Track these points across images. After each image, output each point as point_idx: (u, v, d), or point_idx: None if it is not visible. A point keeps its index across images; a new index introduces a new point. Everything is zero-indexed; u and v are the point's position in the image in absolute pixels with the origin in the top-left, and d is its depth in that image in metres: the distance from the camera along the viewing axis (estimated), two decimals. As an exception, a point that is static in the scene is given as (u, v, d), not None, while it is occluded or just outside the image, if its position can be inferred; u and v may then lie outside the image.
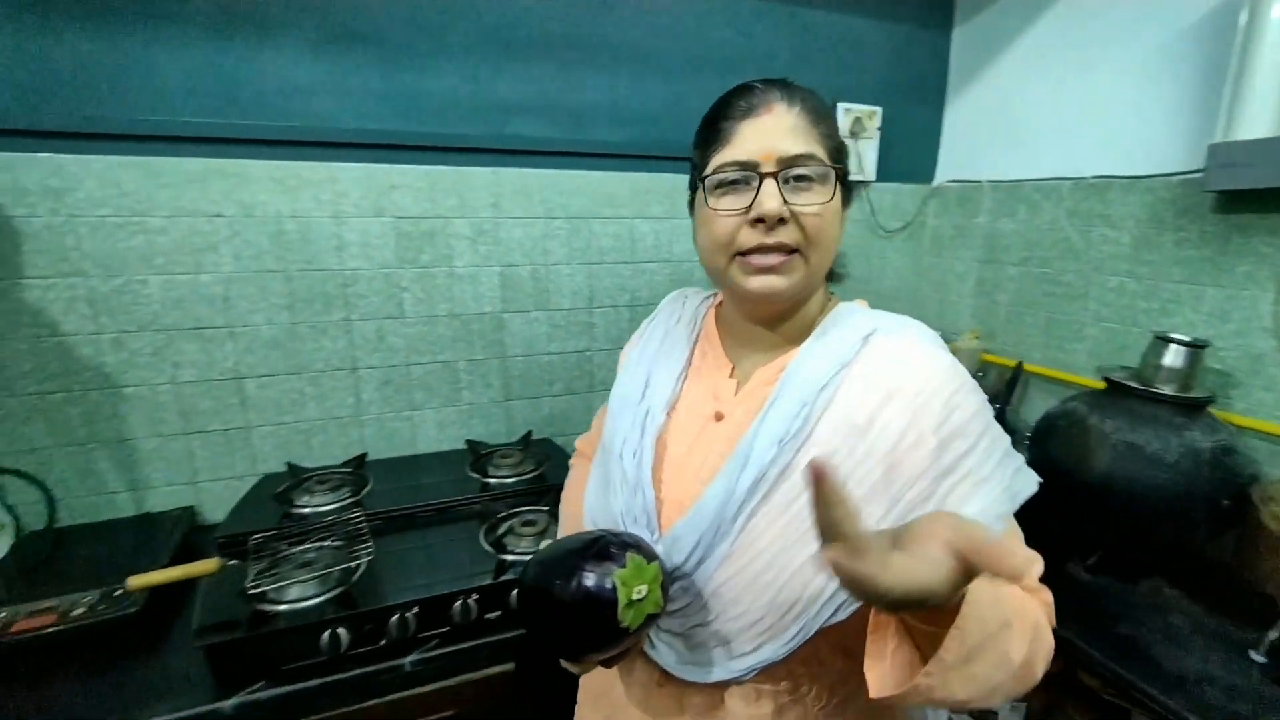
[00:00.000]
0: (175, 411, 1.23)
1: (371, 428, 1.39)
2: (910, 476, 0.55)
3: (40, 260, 1.10)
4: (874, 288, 1.81)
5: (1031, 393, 1.55)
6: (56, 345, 1.13)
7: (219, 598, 0.91)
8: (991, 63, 1.61)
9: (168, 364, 1.21)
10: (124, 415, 1.20)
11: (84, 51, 1.07)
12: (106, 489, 1.22)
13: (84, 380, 1.16)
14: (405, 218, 1.31)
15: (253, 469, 1.31)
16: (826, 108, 0.63)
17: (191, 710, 0.82)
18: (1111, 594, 1.10)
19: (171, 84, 1.12)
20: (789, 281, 0.60)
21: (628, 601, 0.53)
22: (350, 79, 1.23)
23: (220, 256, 1.20)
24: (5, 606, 0.92)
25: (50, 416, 1.15)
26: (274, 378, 1.29)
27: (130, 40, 1.09)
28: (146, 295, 1.17)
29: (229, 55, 1.14)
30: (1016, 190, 1.56)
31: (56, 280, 1.11)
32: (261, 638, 0.87)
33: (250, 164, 1.18)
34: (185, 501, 1.27)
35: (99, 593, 0.95)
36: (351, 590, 0.95)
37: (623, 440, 0.67)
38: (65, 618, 0.90)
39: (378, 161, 1.27)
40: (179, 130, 1.13)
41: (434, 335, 1.39)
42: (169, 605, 1.00)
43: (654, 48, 1.43)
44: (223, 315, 1.22)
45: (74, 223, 1.10)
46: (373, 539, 1.01)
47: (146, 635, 0.95)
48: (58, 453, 1.17)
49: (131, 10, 1.08)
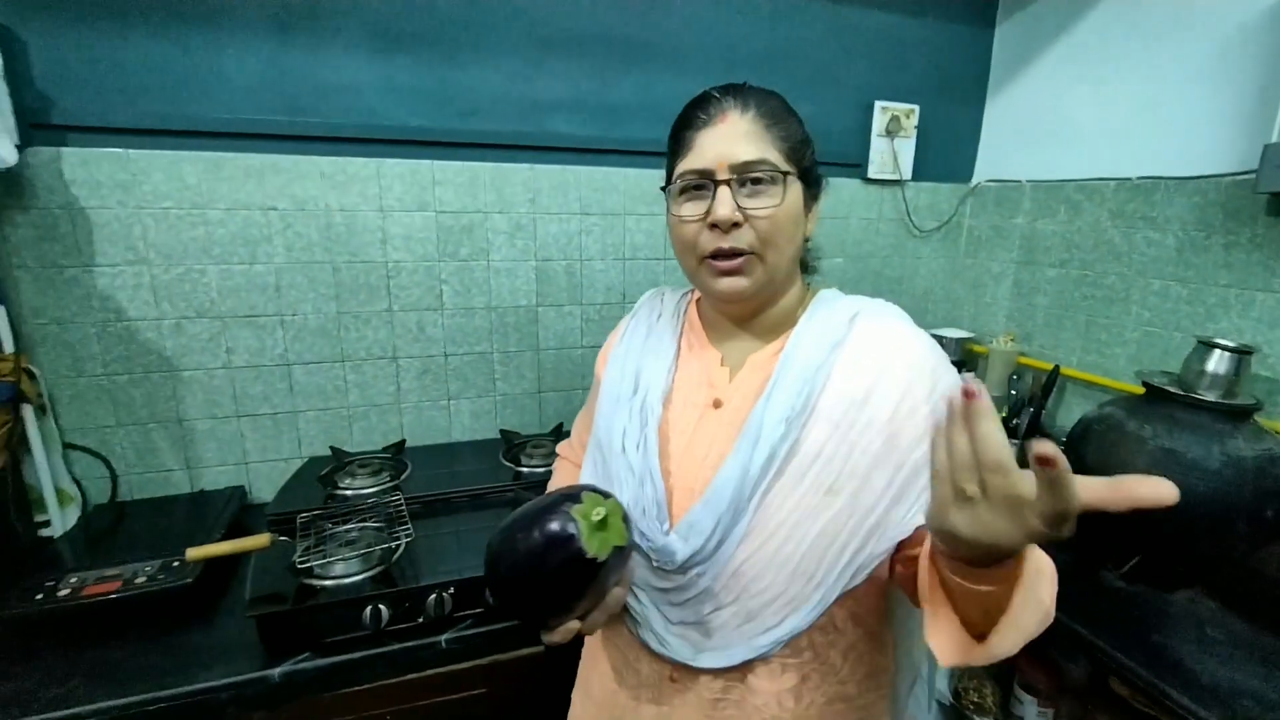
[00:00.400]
0: (228, 395, 1.29)
1: (410, 415, 1.44)
2: (911, 441, 0.59)
3: (110, 249, 1.17)
4: (906, 287, 1.80)
5: (1069, 397, 1.53)
6: (122, 329, 1.20)
7: (269, 572, 0.97)
8: (1034, 60, 1.58)
9: (222, 349, 1.27)
10: (181, 397, 1.27)
11: (155, 53, 1.13)
12: (164, 467, 1.29)
13: (146, 363, 1.23)
14: (446, 212, 1.35)
15: (298, 452, 1.37)
16: (784, 110, 0.66)
17: (242, 676, 0.88)
18: (1146, 602, 1.09)
19: (233, 84, 1.18)
20: (749, 281, 0.64)
21: (590, 528, 0.53)
22: (397, 78, 1.27)
23: (273, 248, 1.26)
24: (75, 572, 0.99)
25: (115, 397, 1.23)
26: (320, 365, 1.34)
27: (197, 43, 1.15)
28: (205, 284, 1.23)
29: (286, 56, 1.20)
30: (1057, 190, 1.53)
31: (124, 268, 1.18)
32: (308, 610, 0.92)
33: (303, 160, 1.24)
34: (236, 481, 1.33)
35: (159, 563, 1.01)
36: (391, 569, 0.99)
37: (622, 433, 0.69)
38: (129, 585, 0.97)
39: (422, 158, 1.31)
40: (239, 127, 1.18)
41: (471, 327, 1.43)
42: (222, 577, 1.06)
43: (690, 46, 1.44)
44: (274, 304, 1.28)
45: (140, 214, 1.17)
46: (411, 522, 1.05)
47: (201, 604, 1.00)
48: (121, 431, 1.24)
49: (199, 15, 1.14)
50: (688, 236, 0.64)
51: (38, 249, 1.13)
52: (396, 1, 1.24)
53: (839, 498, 0.59)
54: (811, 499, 0.59)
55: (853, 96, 1.60)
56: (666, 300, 0.79)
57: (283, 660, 0.90)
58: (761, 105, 0.64)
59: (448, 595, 0.97)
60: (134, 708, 0.83)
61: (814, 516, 0.59)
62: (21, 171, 1.08)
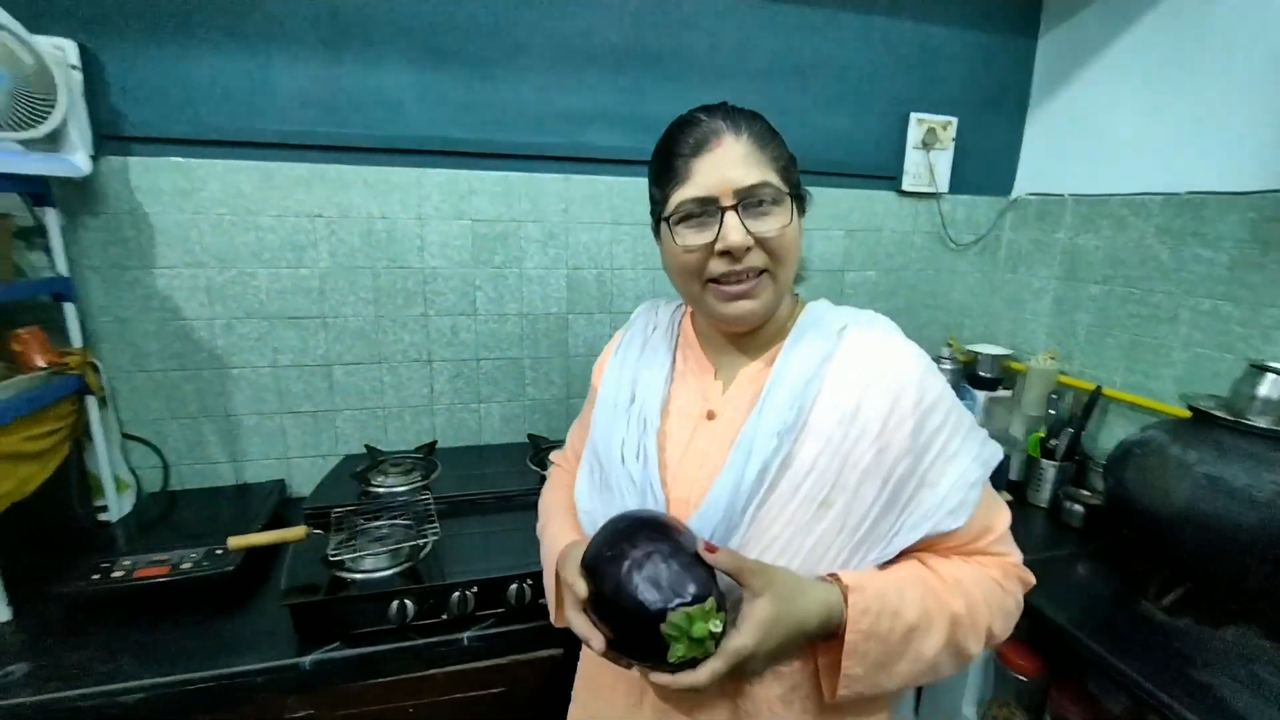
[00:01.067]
0: (273, 392, 1.36)
1: (442, 417, 1.48)
2: (898, 453, 0.61)
3: (169, 252, 1.24)
4: (941, 301, 1.76)
5: (1110, 418, 1.47)
6: (178, 328, 1.27)
7: (304, 563, 1.01)
8: (1078, 73, 1.54)
9: (269, 349, 1.33)
10: (230, 393, 1.33)
11: (213, 70, 1.20)
12: (212, 459, 1.36)
13: (198, 360, 1.30)
14: (481, 221, 1.39)
15: (335, 449, 1.42)
16: (770, 129, 0.65)
17: (275, 662, 0.92)
18: (1190, 637, 1.04)
19: (284, 97, 1.24)
20: (761, 302, 0.64)
21: (684, 646, 0.53)
22: (437, 91, 1.32)
23: (318, 253, 1.32)
24: (128, 556, 1.05)
25: (169, 391, 1.30)
26: (358, 366, 1.40)
27: (251, 59, 1.21)
28: (254, 286, 1.30)
29: (333, 71, 1.26)
30: (1101, 205, 1.49)
31: (181, 270, 1.25)
32: (338, 602, 0.95)
33: (347, 169, 1.29)
34: (278, 475, 1.40)
35: (203, 550, 1.07)
36: (418, 566, 1.02)
37: (620, 443, 0.69)
38: (176, 569, 1.02)
39: (459, 168, 1.36)
40: (288, 138, 1.25)
41: (503, 332, 1.47)
42: (260, 566, 1.10)
43: (721, 59, 1.46)
44: (317, 306, 1.34)
45: (197, 220, 1.24)
46: (439, 521, 1.08)
47: (241, 591, 1.05)
48: (174, 424, 1.32)
49: (254, 33, 1.20)
50: (694, 264, 0.63)
51: (105, 251, 1.21)
52: (438, 18, 1.29)
53: (831, 510, 0.61)
54: (805, 512, 0.61)
55: (887, 108, 1.59)
56: (661, 313, 0.80)
57: (314, 649, 0.93)
58: (752, 127, 0.63)
59: (471, 594, 0.99)
60: (175, 686, 0.88)
61: (807, 530, 0.61)
62: (93, 180, 1.17)
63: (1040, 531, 1.35)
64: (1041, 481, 1.43)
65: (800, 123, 1.54)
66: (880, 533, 0.62)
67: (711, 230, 0.61)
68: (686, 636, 0.53)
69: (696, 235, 0.62)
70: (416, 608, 0.97)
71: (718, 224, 0.61)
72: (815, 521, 0.61)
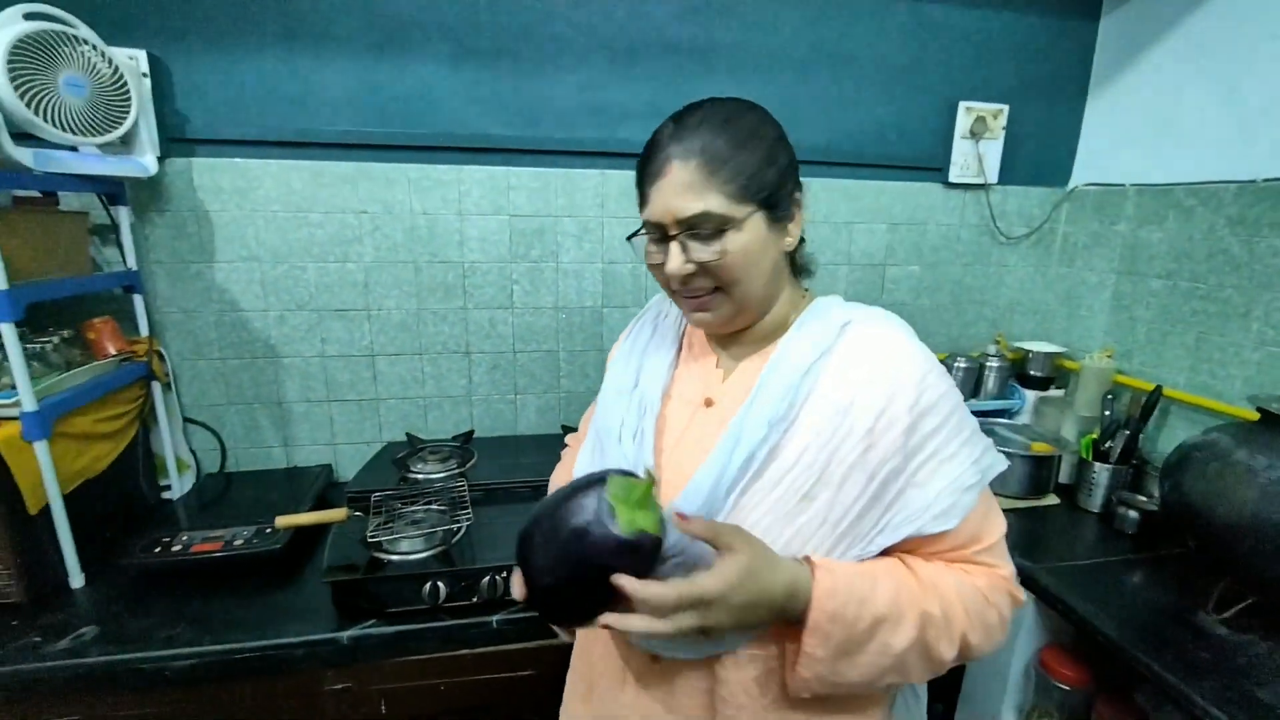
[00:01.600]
0: (321, 381, 1.42)
1: (480, 407, 1.52)
2: (886, 452, 0.60)
3: (228, 248, 1.32)
4: (990, 297, 1.70)
5: (1171, 420, 1.39)
6: (235, 319, 1.35)
7: (345, 543, 1.06)
8: (1143, 55, 1.46)
9: (318, 339, 1.40)
10: (282, 381, 1.41)
11: (268, 74, 1.27)
12: (265, 443, 1.43)
13: (254, 349, 1.38)
14: (519, 216, 1.42)
15: (379, 436, 1.48)
16: (734, 142, 0.61)
17: (317, 635, 0.96)
18: (1254, 654, 0.97)
19: (333, 99, 1.30)
20: (717, 315, 0.66)
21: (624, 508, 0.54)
22: (478, 89, 1.35)
23: (364, 248, 1.37)
24: (187, 531, 1.13)
25: (227, 378, 1.38)
26: (400, 357, 1.45)
27: (303, 63, 1.27)
28: (305, 280, 1.36)
29: (380, 72, 1.30)
30: (1166, 195, 1.40)
31: (239, 264, 1.33)
32: (376, 581, 0.99)
33: (391, 167, 1.34)
34: (325, 459, 1.46)
35: (254, 528, 1.13)
36: (451, 550, 1.05)
37: (620, 424, 0.71)
38: (229, 546, 1.09)
39: (499, 164, 1.39)
40: (337, 138, 1.30)
41: (539, 325, 1.49)
42: (306, 545, 1.16)
43: (761, 50, 1.44)
44: (362, 299, 1.40)
45: (254, 216, 1.31)
46: (472, 507, 1.11)
47: (287, 568, 1.11)
48: (231, 409, 1.40)
49: (306, 37, 1.26)
50: (659, 275, 0.67)
51: (171, 247, 1.29)
52: (477, 18, 1.32)
53: (813, 504, 0.61)
54: (787, 503, 0.61)
55: (934, 97, 1.54)
56: (672, 303, 0.81)
57: (352, 624, 0.98)
58: (707, 148, 0.61)
59: (500, 579, 1.02)
60: (225, 654, 0.93)
61: (787, 520, 0.61)
62: (160, 180, 1.25)
63: (1091, 537, 1.29)
64: (1094, 485, 1.36)
65: (841, 114, 1.51)
66: (862, 529, 0.62)
67: (664, 252, 0.64)
68: (626, 503, 0.54)
69: (656, 250, 0.66)
70: (448, 589, 1.01)
71: (668, 247, 0.64)
72: (796, 514, 0.61)
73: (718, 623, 0.55)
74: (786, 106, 1.47)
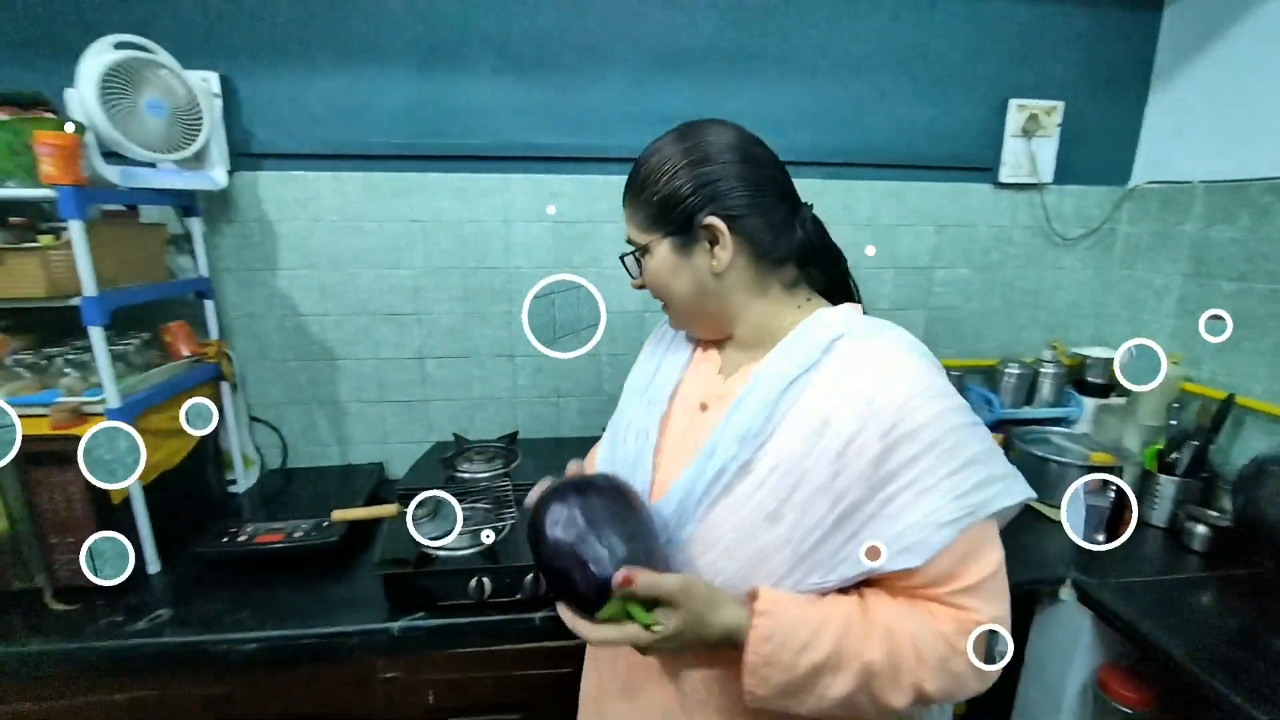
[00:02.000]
0: (374, 383, 1.48)
1: (524, 410, 1.56)
2: (852, 480, 0.58)
3: (290, 255, 1.39)
4: (1044, 300, 1.63)
5: (1246, 431, 1.31)
6: (296, 323, 1.42)
7: (396, 538, 1.10)
8: (1211, 45, 1.38)
9: (371, 343, 1.46)
10: (337, 383, 1.47)
11: (326, 90, 1.34)
12: (322, 441, 1.50)
13: (312, 352, 1.45)
14: (563, 222, 1.45)
15: (427, 436, 1.53)
16: (639, 181, 0.68)
17: (369, 625, 1.00)
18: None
19: (385, 112, 1.36)
20: (675, 324, 0.77)
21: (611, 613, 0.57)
22: (523, 98, 1.39)
23: (414, 255, 1.43)
24: (251, 523, 1.19)
25: (287, 380, 1.45)
26: (448, 359, 1.50)
27: (358, 80, 1.34)
28: (360, 285, 1.43)
29: (428, 85, 1.36)
30: (1239, 192, 1.33)
31: (299, 271, 1.40)
32: (424, 575, 1.03)
33: (440, 176, 1.39)
34: (377, 458, 1.52)
35: (313, 522, 1.19)
36: (495, 547, 1.08)
37: (628, 423, 0.75)
38: (289, 538, 1.15)
39: (544, 172, 1.42)
40: (389, 150, 1.36)
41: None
42: (360, 538, 1.21)
43: (806, 51, 1.43)
44: (412, 304, 1.45)
45: (313, 226, 1.38)
46: (516, 506, 1.14)
47: (342, 560, 1.16)
48: (291, 408, 1.47)
49: (361, 56, 1.33)
50: None
51: (238, 255, 1.37)
52: (522, 27, 1.36)
53: (778, 525, 0.60)
54: (753, 521, 0.61)
55: (982, 95, 1.50)
56: None
57: (402, 615, 1.02)
58: (631, 182, 0.69)
59: (542, 577, 1.04)
60: (285, 640, 0.98)
61: (751, 538, 0.61)
62: (229, 192, 1.33)
63: (1155, 554, 1.22)
64: (1158, 499, 1.30)
65: (886, 115, 1.48)
66: (823, 555, 0.60)
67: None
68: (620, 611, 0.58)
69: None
70: (493, 585, 1.03)
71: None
72: (760, 532, 0.61)
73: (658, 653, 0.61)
74: (826, 109, 1.46)
